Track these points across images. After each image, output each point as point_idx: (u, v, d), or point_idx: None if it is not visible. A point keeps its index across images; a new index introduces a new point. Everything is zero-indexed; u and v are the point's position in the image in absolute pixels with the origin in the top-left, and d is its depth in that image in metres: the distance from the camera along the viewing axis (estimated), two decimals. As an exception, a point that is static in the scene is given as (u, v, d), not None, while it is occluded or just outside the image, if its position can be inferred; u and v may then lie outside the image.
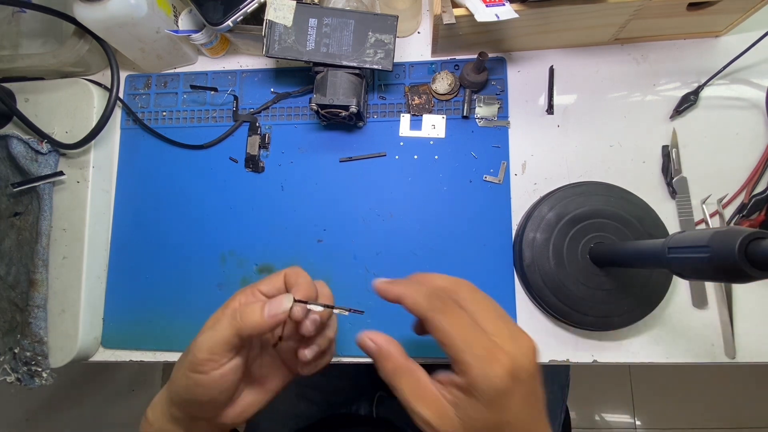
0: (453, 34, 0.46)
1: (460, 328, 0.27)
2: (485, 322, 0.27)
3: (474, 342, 0.26)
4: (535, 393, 0.27)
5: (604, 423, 1.32)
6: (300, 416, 0.65)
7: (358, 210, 0.49)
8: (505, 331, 0.27)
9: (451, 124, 0.50)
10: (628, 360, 0.44)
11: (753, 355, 0.43)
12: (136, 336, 0.50)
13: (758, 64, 0.47)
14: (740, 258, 0.24)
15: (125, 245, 0.52)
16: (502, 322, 0.28)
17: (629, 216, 0.42)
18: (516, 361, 0.26)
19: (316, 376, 0.65)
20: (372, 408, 0.66)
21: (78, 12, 0.44)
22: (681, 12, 0.44)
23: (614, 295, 0.41)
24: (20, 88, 0.52)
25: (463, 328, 0.27)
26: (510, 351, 0.26)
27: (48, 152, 0.49)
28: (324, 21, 0.45)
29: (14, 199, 0.51)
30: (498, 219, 0.48)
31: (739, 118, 0.47)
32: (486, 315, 0.28)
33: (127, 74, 0.55)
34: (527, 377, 0.26)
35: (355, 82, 0.46)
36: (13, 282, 0.49)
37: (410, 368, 0.29)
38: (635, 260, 0.36)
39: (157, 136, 0.53)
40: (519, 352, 0.26)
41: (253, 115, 0.53)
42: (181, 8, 0.51)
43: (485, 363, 0.25)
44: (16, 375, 0.47)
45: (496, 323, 0.27)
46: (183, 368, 0.32)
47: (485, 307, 0.29)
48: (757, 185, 0.46)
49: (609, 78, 0.49)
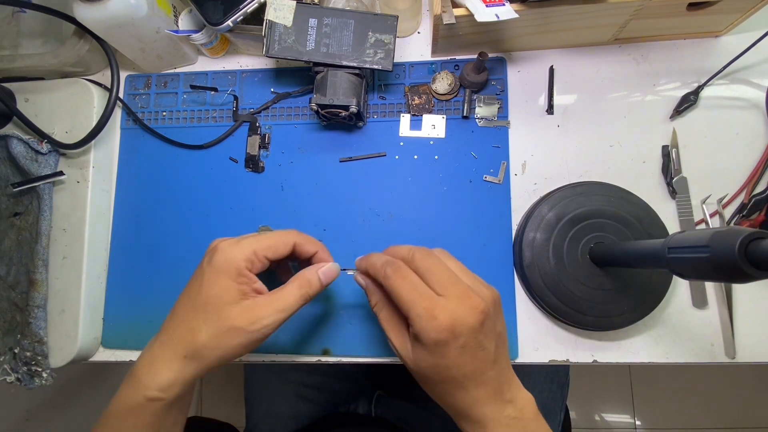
0: (453, 34, 0.46)
1: (407, 290, 0.32)
2: (436, 283, 0.32)
3: (417, 301, 0.31)
4: (479, 344, 0.31)
5: (604, 423, 1.32)
6: (300, 416, 0.65)
7: (358, 210, 0.49)
8: (454, 290, 0.31)
9: (451, 124, 0.50)
10: (628, 360, 0.44)
11: (753, 355, 0.43)
12: (136, 336, 0.50)
13: (758, 64, 0.47)
14: (740, 258, 0.24)
15: (125, 245, 0.52)
16: (452, 283, 0.32)
17: (629, 216, 0.42)
18: (455, 319, 0.30)
19: (316, 377, 0.66)
20: (371, 407, 0.66)
21: (78, 12, 0.44)
22: (681, 12, 0.44)
23: (614, 295, 0.41)
24: (20, 88, 0.52)
25: (410, 290, 0.32)
26: (451, 308, 0.30)
27: (48, 152, 0.49)
28: (324, 21, 0.45)
29: (14, 199, 0.51)
30: (498, 219, 0.48)
31: (739, 118, 0.47)
32: (435, 277, 0.32)
33: (127, 74, 0.55)
34: (466, 332, 0.30)
35: (355, 82, 0.46)
36: (13, 282, 0.49)
37: (389, 304, 0.35)
38: (635, 260, 0.36)
39: (157, 136, 0.53)
40: (461, 311, 0.30)
41: (253, 115, 0.53)
42: (181, 8, 0.51)
43: (424, 320, 0.30)
44: (16, 375, 0.47)
45: (446, 284, 0.32)
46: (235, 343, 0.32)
47: (436, 270, 0.32)
48: (757, 185, 0.46)
49: (609, 78, 0.49)
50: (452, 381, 0.32)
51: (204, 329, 0.33)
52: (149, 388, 0.33)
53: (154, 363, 0.33)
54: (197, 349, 0.33)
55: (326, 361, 0.47)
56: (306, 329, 0.48)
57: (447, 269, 0.33)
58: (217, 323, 0.33)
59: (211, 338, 0.32)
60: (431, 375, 0.32)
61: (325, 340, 0.47)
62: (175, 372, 0.33)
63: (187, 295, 0.35)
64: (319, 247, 0.38)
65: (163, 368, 0.33)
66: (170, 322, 0.35)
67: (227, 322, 0.32)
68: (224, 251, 0.34)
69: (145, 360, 0.34)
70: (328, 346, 0.47)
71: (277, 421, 0.65)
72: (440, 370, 0.31)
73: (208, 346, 0.33)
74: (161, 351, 0.34)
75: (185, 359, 0.33)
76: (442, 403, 0.34)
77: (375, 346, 0.47)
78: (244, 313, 0.33)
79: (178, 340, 0.33)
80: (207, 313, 0.33)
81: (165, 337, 0.34)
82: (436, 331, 0.30)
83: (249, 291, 0.34)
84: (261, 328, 0.33)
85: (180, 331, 0.34)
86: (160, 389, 0.33)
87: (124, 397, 0.34)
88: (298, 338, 0.48)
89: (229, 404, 1.38)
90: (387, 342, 0.44)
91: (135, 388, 0.33)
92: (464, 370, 0.31)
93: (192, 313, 0.34)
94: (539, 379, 0.63)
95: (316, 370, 0.67)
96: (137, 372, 0.34)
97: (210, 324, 0.33)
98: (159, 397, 0.33)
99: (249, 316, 0.33)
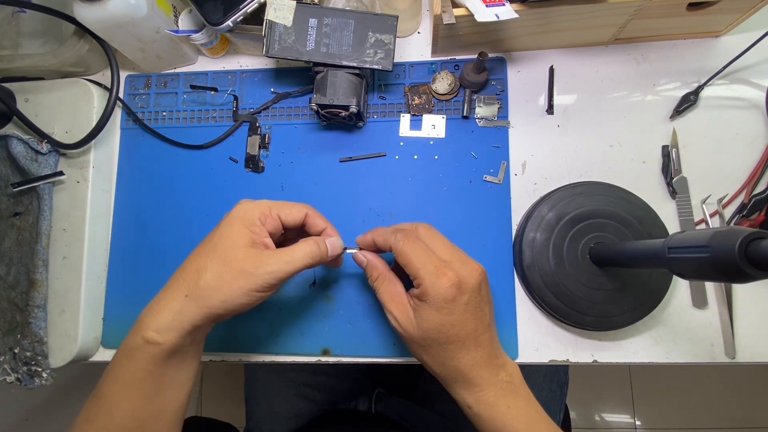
0: (453, 34, 0.46)
1: (417, 252, 0.34)
2: (439, 250, 0.35)
3: (427, 261, 0.34)
4: (478, 305, 0.34)
5: (604, 423, 1.32)
6: (300, 416, 0.65)
7: (358, 210, 0.49)
8: (455, 257, 0.35)
9: (451, 124, 0.50)
10: (628, 360, 0.44)
11: (753, 355, 0.43)
12: (136, 336, 0.50)
13: (758, 64, 0.47)
14: (740, 258, 0.24)
15: (125, 245, 0.52)
16: (453, 251, 0.35)
17: (629, 216, 0.42)
18: (461, 278, 0.33)
19: (316, 377, 0.66)
20: (371, 404, 0.66)
21: (78, 12, 0.44)
22: (681, 12, 0.44)
23: (614, 295, 0.41)
24: (20, 88, 0.52)
25: (419, 251, 0.34)
26: (457, 270, 0.34)
27: (48, 152, 0.49)
28: (324, 21, 0.45)
29: (14, 199, 0.51)
30: (498, 219, 0.48)
31: (739, 118, 0.47)
32: (439, 245, 0.35)
33: (127, 74, 0.55)
34: (470, 290, 0.34)
35: (355, 82, 0.46)
36: (13, 282, 0.49)
37: (389, 277, 0.38)
38: (635, 260, 0.36)
39: (157, 136, 0.53)
40: (464, 272, 0.34)
41: (253, 115, 0.53)
42: (181, 8, 0.51)
43: (434, 277, 0.33)
44: (16, 375, 0.47)
45: (448, 251, 0.35)
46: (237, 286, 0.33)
47: (438, 240, 0.36)
48: (757, 185, 0.46)
49: (609, 78, 0.49)
50: (455, 340, 0.34)
51: (210, 267, 0.33)
52: (148, 329, 0.32)
53: (158, 304, 0.34)
54: (200, 287, 0.33)
55: (326, 361, 0.47)
56: (306, 329, 0.48)
57: (448, 241, 0.37)
58: (224, 262, 0.33)
59: (215, 277, 0.33)
60: (435, 336, 0.34)
61: (325, 340, 0.47)
62: (174, 312, 0.33)
63: (201, 243, 0.36)
64: (328, 225, 0.40)
65: (164, 308, 0.33)
66: (180, 268, 0.35)
67: (234, 263, 0.33)
68: (242, 204, 0.37)
69: (151, 304, 0.34)
70: (328, 346, 0.47)
71: (277, 421, 0.65)
72: (446, 328, 0.33)
73: (210, 285, 0.33)
74: (165, 293, 0.34)
75: (186, 298, 0.33)
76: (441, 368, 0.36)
77: (375, 345, 0.47)
78: (251, 257, 0.33)
79: (183, 279, 0.34)
80: (215, 253, 0.34)
81: (172, 280, 0.35)
82: (445, 286, 0.33)
83: (259, 241, 0.35)
84: (265, 274, 0.33)
85: (186, 271, 0.34)
86: (158, 330, 0.32)
87: (126, 341, 0.34)
88: (298, 338, 0.48)
89: (229, 404, 1.38)
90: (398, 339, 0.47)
91: (136, 330, 0.33)
92: (466, 329, 0.34)
93: (201, 255, 0.35)
94: (538, 378, 0.63)
95: (316, 370, 0.67)
96: (141, 315, 0.34)
97: (216, 263, 0.33)
98: (155, 340, 0.32)
99: (255, 260, 0.33)
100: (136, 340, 0.33)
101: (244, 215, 0.35)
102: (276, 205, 0.37)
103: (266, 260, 0.34)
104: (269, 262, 0.34)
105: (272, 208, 0.37)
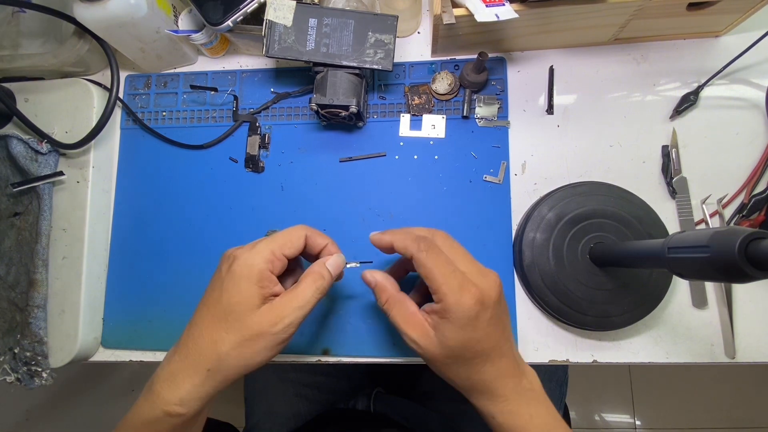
0: (453, 34, 0.46)
1: (440, 265, 0.33)
2: (459, 261, 0.34)
3: (450, 276, 0.32)
4: (499, 317, 0.34)
5: (604, 423, 1.32)
6: (299, 416, 0.65)
7: (358, 210, 0.49)
8: (474, 269, 0.34)
9: (451, 124, 0.50)
10: (628, 360, 0.44)
11: (753, 355, 0.43)
12: (136, 336, 0.50)
13: (758, 64, 0.47)
14: (740, 258, 0.24)
15: (125, 245, 0.52)
16: (471, 262, 0.34)
17: (629, 216, 0.42)
18: (483, 292, 0.32)
19: (316, 377, 0.66)
20: (370, 403, 0.66)
21: (78, 12, 0.44)
22: (681, 12, 0.44)
23: (614, 295, 0.41)
24: (20, 88, 0.52)
25: (442, 265, 0.33)
26: (478, 284, 0.32)
27: (48, 152, 0.49)
28: (324, 21, 0.45)
29: (14, 199, 0.51)
30: (498, 219, 0.48)
31: (739, 118, 0.47)
32: (459, 256, 0.34)
33: (127, 74, 0.55)
34: (492, 304, 0.32)
35: (355, 82, 0.46)
36: (13, 282, 0.49)
37: (401, 299, 0.36)
38: (635, 260, 0.36)
39: (157, 136, 0.53)
40: (486, 285, 0.33)
41: (253, 115, 0.53)
42: (181, 8, 0.51)
43: (458, 293, 0.32)
44: (16, 375, 0.47)
45: (467, 263, 0.34)
46: (259, 348, 0.32)
47: (458, 250, 0.35)
48: (757, 185, 0.46)
49: (609, 78, 0.49)
50: (481, 354, 0.33)
51: (227, 339, 0.32)
52: (169, 403, 0.32)
53: (176, 377, 0.33)
54: (221, 360, 0.32)
55: (326, 361, 0.47)
56: (306, 329, 0.48)
57: (464, 250, 0.35)
58: (240, 331, 0.32)
59: (235, 347, 0.32)
60: (460, 353, 0.33)
61: (325, 340, 0.47)
62: (196, 386, 0.32)
63: (206, 305, 0.34)
64: (328, 240, 0.38)
65: (184, 382, 0.32)
66: (190, 334, 0.34)
67: (250, 329, 0.32)
68: (243, 257, 0.33)
69: (165, 373, 0.33)
70: (328, 346, 0.47)
71: (277, 421, 0.65)
72: (472, 344, 0.33)
73: (231, 356, 0.32)
74: (182, 365, 0.33)
75: (208, 372, 0.32)
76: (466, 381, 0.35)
77: (375, 345, 0.47)
78: (265, 317, 0.32)
79: (200, 352, 0.32)
80: (228, 322, 0.32)
81: (185, 350, 0.33)
82: (469, 304, 0.31)
83: (269, 294, 0.33)
84: (283, 328, 0.32)
85: (201, 343, 0.33)
86: (181, 403, 0.32)
87: (141, 411, 0.33)
88: (298, 338, 0.48)
89: (229, 404, 1.38)
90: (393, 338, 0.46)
91: (153, 402, 0.32)
92: (491, 342, 0.33)
93: (213, 324, 0.33)
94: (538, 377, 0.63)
95: (316, 370, 0.67)
96: (156, 386, 0.33)
97: (233, 333, 0.32)
98: (179, 412, 0.32)
99: (270, 318, 0.32)
100: (155, 412, 0.32)
101: (249, 272, 0.33)
102: (276, 246, 0.34)
103: (280, 313, 0.32)
104: (284, 315, 0.32)
105: (274, 251, 0.34)
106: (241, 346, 0.32)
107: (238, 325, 0.32)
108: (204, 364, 0.32)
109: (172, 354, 0.34)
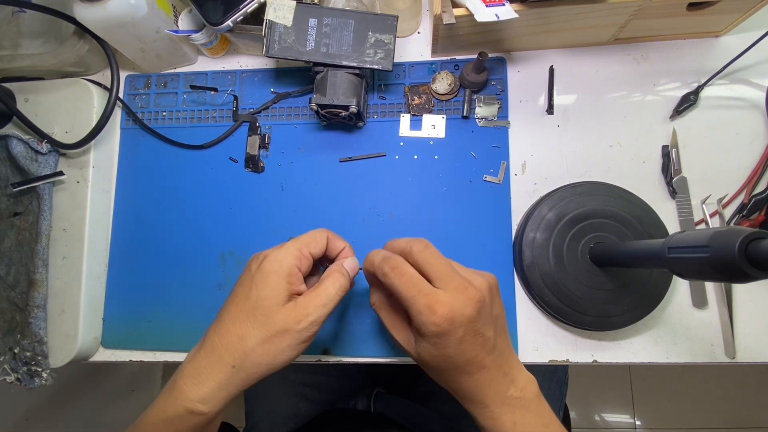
0: (453, 34, 0.46)
1: (406, 287, 0.32)
2: (432, 276, 0.33)
3: (417, 298, 0.32)
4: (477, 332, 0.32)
5: (604, 423, 1.32)
6: (300, 416, 0.65)
7: (358, 210, 0.49)
8: (452, 283, 0.32)
9: (451, 124, 0.50)
10: (628, 360, 0.44)
11: (753, 355, 0.43)
12: (136, 336, 0.50)
13: (758, 64, 0.47)
14: (740, 258, 0.24)
15: (125, 245, 0.52)
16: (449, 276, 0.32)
17: (629, 216, 0.42)
18: (454, 310, 0.31)
19: (316, 377, 0.66)
20: (370, 403, 0.66)
21: (78, 12, 0.44)
22: (681, 12, 0.44)
23: (614, 295, 0.41)
24: (20, 88, 0.52)
25: (408, 287, 0.32)
26: (449, 301, 0.31)
27: (48, 152, 0.49)
28: (324, 21, 0.45)
29: (14, 199, 0.51)
30: (498, 219, 0.48)
31: (739, 118, 0.47)
32: (433, 269, 0.33)
33: (127, 74, 0.55)
34: (466, 321, 0.31)
35: (355, 82, 0.46)
36: (13, 282, 0.49)
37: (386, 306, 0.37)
38: (635, 260, 0.36)
39: (157, 136, 0.53)
40: (458, 303, 0.31)
41: (253, 115, 0.53)
42: (181, 8, 0.51)
43: (424, 316, 0.31)
44: (16, 375, 0.47)
45: (441, 277, 0.32)
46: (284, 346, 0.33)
47: (433, 262, 0.33)
48: (757, 185, 0.46)
49: (609, 78, 0.49)
50: (456, 367, 0.33)
51: (253, 334, 0.32)
52: (192, 400, 0.32)
53: (200, 373, 0.32)
54: (247, 356, 0.32)
55: (326, 360, 0.47)
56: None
57: (444, 261, 0.33)
58: (266, 326, 0.32)
59: (260, 343, 0.32)
60: (435, 365, 0.34)
61: (325, 340, 0.47)
62: (220, 384, 0.32)
63: (234, 302, 0.34)
64: (346, 244, 0.39)
65: (209, 379, 0.32)
66: (215, 331, 0.34)
67: (276, 324, 0.32)
68: (273, 254, 0.34)
69: (189, 369, 0.33)
70: (328, 346, 0.47)
71: (277, 421, 0.65)
72: (443, 359, 0.33)
73: (257, 352, 0.32)
74: (207, 361, 0.33)
75: (233, 369, 0.32)
76: (448, 388, 0.36)
77: (375, 345, 0.47)
78: (291, 313, 0.33)
79: (225, 348, 0.33)
80: (255, 317, 0.33)
81: (210, 345, 0.33)
82: (435, 326, 0.31)
83: (295, 291, 0.34)
84: (308, 326, 0.33)
85: (227, 339, 0.33)
86: (203, 401, 0.32)
87: (163, 408, 0.33)
88: (298, 338, 0.48)
89: (229, 404, 1.38)
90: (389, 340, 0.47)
91: (176, 399, 0.32)
92: (465, 357, 0.33)
93: (240, 319, 0.33)
94: (538, 377, 0.62)
95: (316, 370, 0.67)
96: (179, 382, 0.33)
97: (259, 328, 0.32)
98: (201, 410, 0.32)
99: (295, 315, 0.33)
100: (177, 409, 0.32)
101: (279, 267, 0.34)
102: (302, 244, 0.36)
103: (305, 311, 0.33)
104: (308, 312, 0.33)
105: (301, 249, 0.35)
106: (267, 342, 0.32)
107: (264, 320, 0.33)
108: (229, 360, 0.32)
109: (196, 351, 0.34)
